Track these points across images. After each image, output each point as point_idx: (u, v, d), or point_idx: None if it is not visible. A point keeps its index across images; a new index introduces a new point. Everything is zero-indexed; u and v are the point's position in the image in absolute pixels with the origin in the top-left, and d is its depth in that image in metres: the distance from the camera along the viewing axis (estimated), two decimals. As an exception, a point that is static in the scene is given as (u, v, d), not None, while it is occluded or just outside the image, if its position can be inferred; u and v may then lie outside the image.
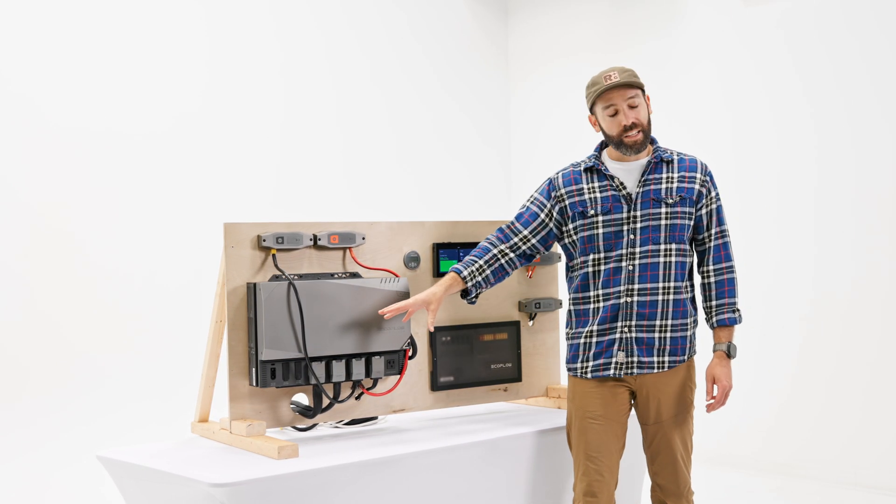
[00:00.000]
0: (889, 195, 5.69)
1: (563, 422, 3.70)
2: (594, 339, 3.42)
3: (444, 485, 3.40)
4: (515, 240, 3.52)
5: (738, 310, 3.48)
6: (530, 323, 4.02)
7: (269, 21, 6.23)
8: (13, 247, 5.10)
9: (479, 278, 3.48)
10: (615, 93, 3.36)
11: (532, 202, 3.55)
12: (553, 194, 3.51)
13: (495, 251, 3.51)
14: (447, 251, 3.81)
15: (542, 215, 3.51)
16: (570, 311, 3.51)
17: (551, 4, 7.39)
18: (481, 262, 3.49)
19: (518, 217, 3.55)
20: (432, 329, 3.47)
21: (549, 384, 4.08)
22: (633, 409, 3.51)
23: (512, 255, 3.52)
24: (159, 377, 5.52)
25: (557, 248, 4.01)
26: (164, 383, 5.50)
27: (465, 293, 3.54)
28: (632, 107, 3.37)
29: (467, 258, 3.51)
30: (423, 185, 7.01)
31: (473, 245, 3.86)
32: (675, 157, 3.46)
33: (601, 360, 3.41)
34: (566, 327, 3.54)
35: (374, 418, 3.82)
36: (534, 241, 3.52)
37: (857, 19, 5.81)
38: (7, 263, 5.09)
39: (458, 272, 3.47)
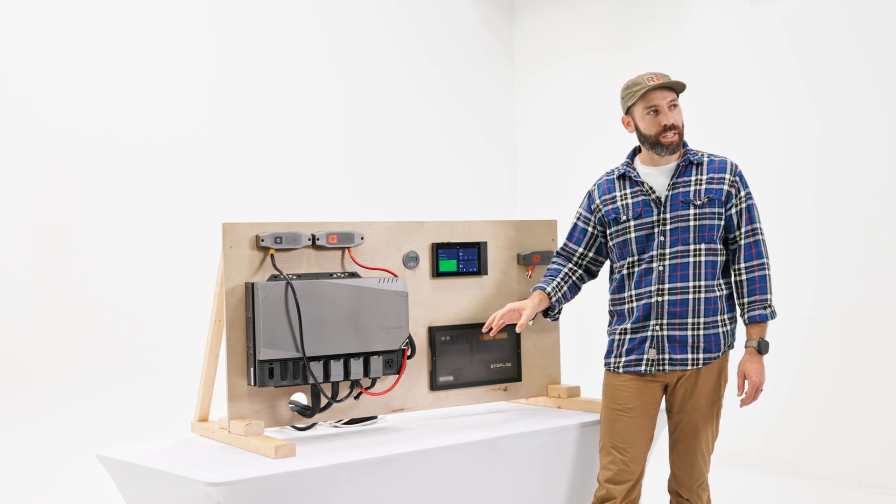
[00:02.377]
0: (892, 195, 5.67)
1: (565, 421, 3.77)
2: (627, 336, 3.55)
3: (441, 484, 3.40)
4: (576, 258, 3.72)
5: (771, 306, 3.52)
6: (530, 323, 4.01)
7: (272, 20, 6.23)
8: (16, 248, 5.12)
9: (560, 294, 3.67)
10: (658, 93, 3.50)
11: (578, 219, 3.73)
12: (592, 207, 3.68)
13: (566, 270, 3.71)
14: (446, 251, 3.82)
15: (590, 229, 3.69)
16: (609, 311, 3.66)
17: (557, 4, 7.38)
18: (559, 279, 3.68)
19: (569, 237, 3.74)
20: (521, 328, 3.58)
21: (550, 384, 4.08)
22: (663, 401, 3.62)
23: (580, 271, 3.72)
24: (161, 376, 5.53)
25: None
26: (165, 382, 5.51)
27: (547, 312, 3.71)
28: (672, 108, 3.51)
29: (543, 278, 3.71)
30: (428, 185, 7.01)
31: (473, 245, 3.87)
32: (705, 159, 3.55)
33: (633, 357, 3.53)
34: (608, 325, 3.67)
35: (374, 418, 3.82)
36: (591, 254, 3.71)
37: (861, 17, 5.79)
38: (10, 264, 5.11)
39: (542, 289, 3.65)
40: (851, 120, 5.82)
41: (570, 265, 3.70)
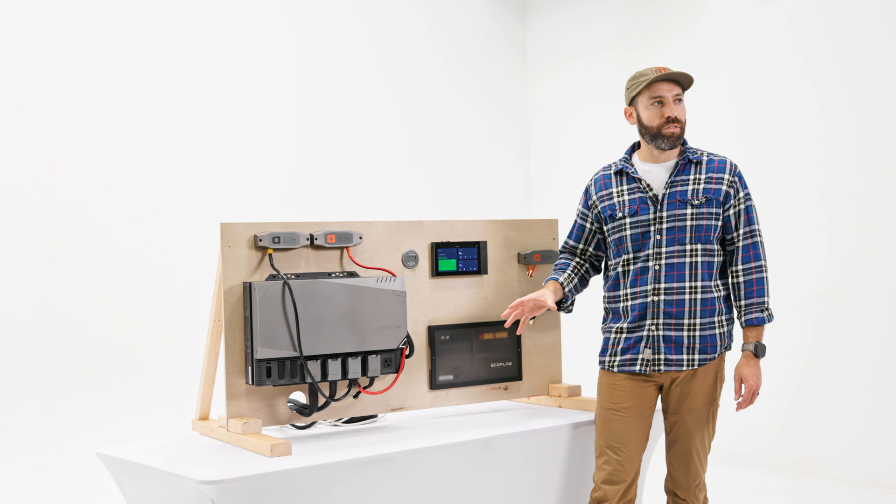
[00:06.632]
0: (904, 192, 5.65)
1: (563, 420, 3.76)
2: (623, 336, 3.53)
3: (437, 483, 3.41)
4: (578, 254, 3.74)
5: (768, 309, 3.50)
6: (531, 321, 4.02)
7: (286, 20, 6.26)
8: (19, 249, 5.16)
9: (571, 286, 3.69)
10: (664, 85, 3.49)
11: (578, 216, 3.76)
12: (589, 203, 3.68)
13: (574, 263, 3.73)
14: (445, 250, 3.83)
15: (588, 225, 3.71)
16: (605, 308, 3.65)
17: (569, 3, 7.37)
18: (569, 270, 3.70)
19: (569, 235, 3.77)
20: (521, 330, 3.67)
21: (551, 383, 4.08)
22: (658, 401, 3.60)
23: (587, 265, 3.74)
24: (163, 375, 5.57)
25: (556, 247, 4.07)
26: (168, 381, 5.55)
27: (560, 303, 3.71)
28: (676, 101, 3.49)
29: (554, 271, 3.73)
30: (442, 185, 7.02)
31: (473, 245, 3.88)
32: (705, 158, 3.53)
33: (628, 356, 3.52)
34: (602, 322, 3.67)
35: (374, 416, 3.84)
36: (591, 250, 3.73)
37: (868, 13, 5.75)
38: (12, 264, 5.16)
39: (555, 279, 3.67)
40: (859, 117, 5.79)
41: (577, 259, 3.72)
